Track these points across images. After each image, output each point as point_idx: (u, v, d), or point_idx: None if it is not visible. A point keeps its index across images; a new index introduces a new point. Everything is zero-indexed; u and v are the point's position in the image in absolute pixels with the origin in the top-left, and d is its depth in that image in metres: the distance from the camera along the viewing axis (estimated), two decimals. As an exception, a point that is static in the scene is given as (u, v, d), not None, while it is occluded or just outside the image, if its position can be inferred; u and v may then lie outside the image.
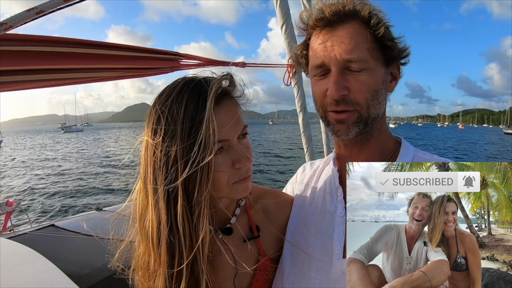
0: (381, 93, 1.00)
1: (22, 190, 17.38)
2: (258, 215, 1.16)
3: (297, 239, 1.13)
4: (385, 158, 1.07)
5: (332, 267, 1.00)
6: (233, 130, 0.92)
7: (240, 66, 2.23)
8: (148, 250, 0.94)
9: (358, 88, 0.95)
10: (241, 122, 0.95)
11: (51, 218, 10.26)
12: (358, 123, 0.98)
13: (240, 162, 0.92)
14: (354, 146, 1.07)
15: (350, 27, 0.96)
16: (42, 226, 3.58)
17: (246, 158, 0.93)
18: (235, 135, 0.93)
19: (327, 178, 1.18)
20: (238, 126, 0.94)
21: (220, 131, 0.87)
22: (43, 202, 14.71)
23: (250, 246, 1.11)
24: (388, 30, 0.97)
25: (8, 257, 2.59)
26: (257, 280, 1.10)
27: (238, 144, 0.93)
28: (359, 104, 0.97)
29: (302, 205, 1.21)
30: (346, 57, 0.94)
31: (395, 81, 1.07)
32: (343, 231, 1.03)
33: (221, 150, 0.91)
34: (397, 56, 1.02)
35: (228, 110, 0.92)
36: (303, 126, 3.02)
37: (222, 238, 1.08)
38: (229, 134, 0.91)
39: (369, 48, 0.95)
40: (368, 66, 0.95)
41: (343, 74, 0.96)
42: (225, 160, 0.91)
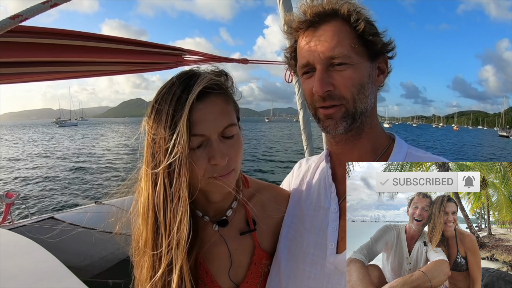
0: (368, 87, 1.02)
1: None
2: (256, 208, 1.17)
3: (292, 234, 1.15)
4: (378, 155, 1.09)
5: (326, 262, 1.02)
6: (213, 126, 0.93)
7: (243, 63, 2.23)
8: (141, 226, 0.99)
9: (342, 83, 0.98)
10: (224, 120, 0.95)
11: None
12: (345, 118, 1.00)
13: (214, 159, 0.93)
14: (346, 142, 1.08)
15: (332, 26, 1.00)
16: (41, 218, 3.61)
17: (221, 156, 0.93)
18: (215, 131, 0.94)
19: (321, 175, 1.20)
20: (219, 123, 0.94)
21: (198, 126, 0.90)
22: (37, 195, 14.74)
23: (246, 239, 1.13)
24: (369, 26, 1.00)
25: (7, 247, 2.61)
26: (251, 272, 1.12)
27: (217, 141, 0.94)
28: (345, 99, 0.99)
29: (298, 201, 1.22)
30: (329, 55, 0.97)
31: (383, 75, 1.09)
32: (336, 227, 1.05)
33: (201, 145, 0.93)
34: (381, 50, 1.04)
35: (211, 106, 0.93)
36: (303, 124, 3.03)
37: (218, 230, 1.11)
38: (207, 129, 0.92)
39: (352, 44, 0.98)
40: (351, 61, 0.98)
41: (327, 71, 0.99)
42: (202, 155, 0.93)
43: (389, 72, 1.10)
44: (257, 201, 1.19)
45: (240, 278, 1.11)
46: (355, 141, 1.08)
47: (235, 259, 1.11)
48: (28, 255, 2.49)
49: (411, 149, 1.09)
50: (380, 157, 1.08)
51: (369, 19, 1.01)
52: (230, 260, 1.11)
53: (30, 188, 16.10)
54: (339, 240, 1.03)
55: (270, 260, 1.16)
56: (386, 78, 1.10)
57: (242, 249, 1.13)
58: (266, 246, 1.17)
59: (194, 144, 0.92)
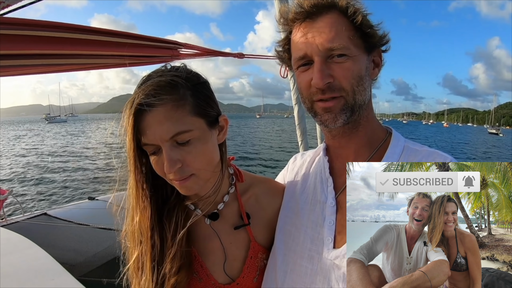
0: (366, 79, 1.01)
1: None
2: (250, 202, 1.17)
3: (288, 228, 1.14)
4: (375, 148, 1.08)
5: (322, 257, 1.01)
6: (158, 135, 0.91)
7: (238, 57, 2.21)
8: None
9: (342, 75, 0.97)
10: (172, 128, 0.91)
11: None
12: (345, 111, 1.00)
13: (165, 167, 0.93)
14: (343, 136, 1.08)
15: (329, 18, 0.99)
16: (34, 214, 3.57)
17: (170, 165, 0.92)
18: (163, 139, 0.91)
19: (318, 168, 1.19)
20: (166, 131, 0.91)
21: (145, 135, 0.92)
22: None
23: (241, 233, 1.13)
24: (366, 18, 0.99)
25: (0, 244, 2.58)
26: (248, 267, 1.12)
27: (169, 149, 0.92)
28: (345, 90, 0.98)
29: (293, 194, 1.22)
30: (328, 46, 0.96)
31: (378, 68, 1.09)
32: (333, 221, 1.04)
33: (156, 152, 0.95)
34: (377, 43, 1.04)
35: (155, 114, 0.90)
36: (298, 119, 3.03)
37: (210, 224, 1.12)
38: (153, 139, 0.91)
39: (350, 36, 0.97)
40: (350, 53, 0.97)
41: (326, 63, 0.98)
42: (157, 161, 0.96)
43: (382, 65, 1.10)
44: (252, 194, 1.19)
45: (236, 272, 1.11)
46: (351, 134, 1.07)
47: (230, 253, 1.11)
48: (21, 252, 2.47)
49: (408, 142, 1.09)
50: (377, 151, 1.07)
51: (365, 12, 1.00)
52: (224, 254, 1.11)
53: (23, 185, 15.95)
54: (336, 235, 1.02)
55: (267, 253, 1.16)
56: (380, 71, 1.10)
57: (237, 243, 1.13)
58: (262, 240, 1.16)
59: (149, 150, 0.95)
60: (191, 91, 0.96)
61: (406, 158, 1.02)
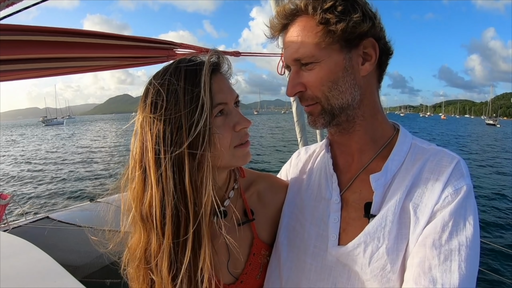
0: (344, 81, 0.96)
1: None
2: (252, 199, 1.16)
3: (293, 225, 1.12)
4: (381, 146, 1.04)
5: (327, 254, 0.99)
6: (229, 95, 0.98)
7: (234, 55, 2.22)
8: (146, 234, 0.96)
9: (311, 83, 0.97)
10: (234, 91, 1.01)
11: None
12: (323, 115, 1.00)
13: (240, 124, 0.96)
14: (341, 134, 1.07)
15: (297, 25, 0.98)
16: (37, 218, 3.58)
17: (245, 119, 0.98)
18: (232, 100, 0.98)
19: (322, 164, 1.17)
20: (233, 93, 1.00)
21: (218, 95, 0.93)
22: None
23: (244, 229, 1.11)
24: (332, 13, 0.90)
25: (3, 248, 2.59)
26: (250, 263, 1.10)
27: (235, 109, 0.99)
28: (318, 98, 0.98)
29: (298, 190, 1.19)
30: (294, 57, 0.98)
31: (369, 62, 0.98)
32: (338, 218, 1.02)
33: (221, 113, 0.96)
34: (356, 35, 0.93)
35: (222, 79, 0.99)
36: (296, 115, 3.02)
37: (218, 220, 1.07)
38: (226, 98, 0.96)
39: (316, 40, 0.93)
40: (316, 59, 0.94)
41: (299, 72, 0.99)
42: (225, 123, 0.96)
43: (377, 57, 0.98)
44: (254, 191, 1.18)
45: (239, 270, 1.09)
46: (349, 133, 1.05)
47: (233, 251, 1.07)
48: (24, 255, 2.47)
49: (415, 140, 1.05)
50: (383, 149, 1.04)
51: (335, 3, 0.91)
52: (228, 252, 1.08)
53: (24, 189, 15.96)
54: (341, 232, 1.00)
55: (269, 250, 1.15)
56: (374, 64, 0.99)
57: (240, 240, 1.09)
58: (265, 237, 1.15)
59: (214, 113, 0.93)
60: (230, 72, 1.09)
61: (413, 157, 0.98)
